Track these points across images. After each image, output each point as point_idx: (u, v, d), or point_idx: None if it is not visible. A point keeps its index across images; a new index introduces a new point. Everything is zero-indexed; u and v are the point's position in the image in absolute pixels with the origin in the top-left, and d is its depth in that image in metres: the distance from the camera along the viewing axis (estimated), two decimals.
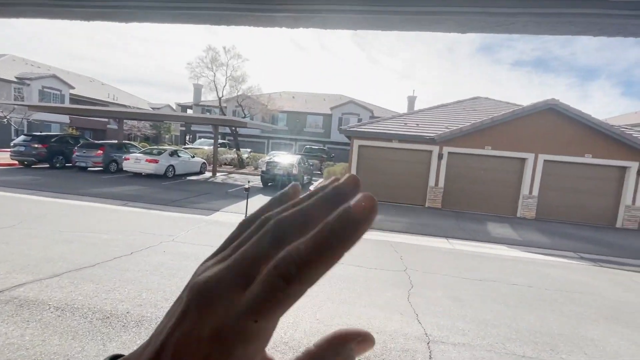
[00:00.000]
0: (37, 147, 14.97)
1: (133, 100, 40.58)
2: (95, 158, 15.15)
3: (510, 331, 3.73)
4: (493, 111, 14.06)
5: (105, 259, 4.81)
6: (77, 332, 3.01)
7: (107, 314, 3.35)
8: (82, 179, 12.81)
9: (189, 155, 17.29)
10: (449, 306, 4.26)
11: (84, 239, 5.65)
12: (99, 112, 19.36)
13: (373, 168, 13.39)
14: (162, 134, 37.33)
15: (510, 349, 3.37)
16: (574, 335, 3.78)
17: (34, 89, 27.23)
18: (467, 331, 3.65)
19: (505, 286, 5.23)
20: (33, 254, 4.80)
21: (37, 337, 2.89)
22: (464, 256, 6.86)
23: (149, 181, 13.64)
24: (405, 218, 10.51)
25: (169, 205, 9.45)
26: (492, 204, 12.73)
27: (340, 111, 33.40)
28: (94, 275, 4.23)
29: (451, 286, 5.00)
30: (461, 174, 12.87)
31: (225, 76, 22.20)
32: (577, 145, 11.91)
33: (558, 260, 7.21)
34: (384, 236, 7.95)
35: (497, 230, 9.89)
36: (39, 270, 4.25)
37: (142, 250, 5.37)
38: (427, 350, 3.20)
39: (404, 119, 14.78)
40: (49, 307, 3.38)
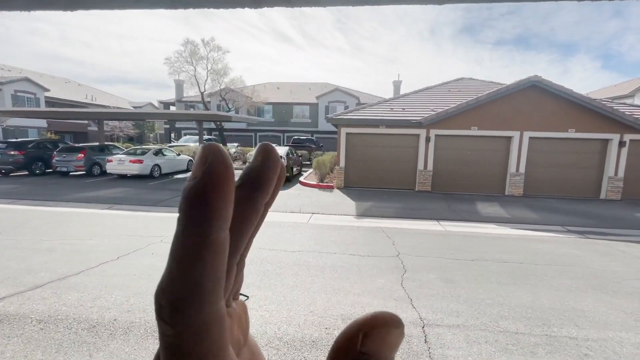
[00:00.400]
0: (14, 154, 14.41)
1: (113, 100, 39.36)
2: (77, 162, 14.67)
3: (503, 309, 3.77)
4: (478, 91, 14.08)
5: (90, 266, 4.66)
6: (62, 344, 2.90)
7: (94, 323, 3.24)
8: (63, 185, 12.41)
9: (175, 154, 16.92)
10: (442, 288, 4.28)
11: (67, 247, 5.47)
12: (76, 114, 18.69)
13: (362, 155, 13.33)
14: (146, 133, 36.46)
15: (504, 326, 3.40)
16: (565, 308, 3.84)
17: (6, 94, 26.10)
18: (461, 312, 3.66)
19: (497, 264, 5.29)
20: (13, 265, 4.61)
21: (19, 352, 2.77)
22: (455, 237, 6.92)
23: (134, 182, 13.32)
24: (396, 203, 10.54)
25: (156, 205, 9.24)
26: (481, 183, 12.87)
27: (327, 99, 33.12)
28: (79, 284, 4.08)
29: (444, 268, 5.03)
30: (449, 156, 12.94)
31: (206, 70, 21.66)
32: (561, 120, 12.06)
33: (546, 235, 7.34)
34: (376, 222, 7.95)
35: (487, 210, 10.01)
36: (20, 282, 4.08)
37: (129, 253, 5.23)
38: (422, 335, 3.20)
39: (389, 103, 14.69)
40: (30, 321, 3.24)
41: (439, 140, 12.87)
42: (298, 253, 5.49)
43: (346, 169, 13.36)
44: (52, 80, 34.03)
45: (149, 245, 5.69)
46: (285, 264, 4.98)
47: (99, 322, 3.25)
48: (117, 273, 4.45)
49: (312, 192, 11.98)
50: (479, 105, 12.27)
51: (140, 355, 2.78)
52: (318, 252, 5.61)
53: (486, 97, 12.14)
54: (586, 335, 3.26)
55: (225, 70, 21.98)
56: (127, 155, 14.58)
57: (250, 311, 3.55)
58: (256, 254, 5.27)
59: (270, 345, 2.97)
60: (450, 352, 2.93)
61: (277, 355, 2.83)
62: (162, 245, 5.71)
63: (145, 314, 3.44)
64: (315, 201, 10.32)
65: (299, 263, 5.04)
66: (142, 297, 3.78)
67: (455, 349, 2.99)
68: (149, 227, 6.87)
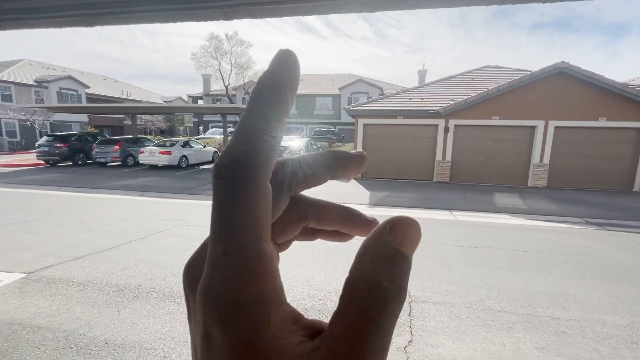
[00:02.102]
0: (59, 147, 15.87)
1: (146, 95, 41.53)
2: (113, 153, 15.92)
3: (492, 291, 3.93)
4: (503, 80, 13.61)
5: (121, 243, 5.30)
6: (96, 302, 3.46)
7: (122, 287, 3.80)
8: (101, 174, 13.58)
9: (201, 145, 17.82)
10: (437, 271, 4.49)
11: (103, 227, 6.19)
12: (112, 109, 20.11)
13: (379, 146, 13.42)
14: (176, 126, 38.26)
15: (489, 305, 3.58)
16: (556, 292, 3.94)
17: (52, 91, 28.40)
18: (450, 292, 3.88)
19: (499, 252, 5.37)
20: (59, 241, 5.35)
21: (62, 306, 3.36)
22: (463, 226, 6.99)
23: (163, 172, 14.28)
24: (411, 193, 10.62)
25: (182, 193, 9.97)
26: (502, 174, 12.58)
27: (349, 91, 33.03)
28: (111, 257, 4.71)
29: (444, 254, 5.20)
30: (469, 147, 12.73)
31: (230, 64, 22.38)
32: (590, 108, 11.46)
33: (561, 226, 7.21)
34: (387, 211, 8.15)
35: (504, 201, 9.86)
36: (64, 254, 4.77)
37: (154, 234, 5.84)
38: (408, 309, 3.46)
39: (408, 94, 14.58)
40: (72, 284, 3.86)
41: (458, 131, 12.68)
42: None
43: None
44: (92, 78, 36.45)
45: (173, 227, 6.29)
46: (292, 247, 5.35)
47: (126, 287, 3.80)
48: (143, 249, 5.05)
49: (328, 183, 12.21)
50: (500, 94, 11.93)
51: (158, 313, 3.28)
52: None
53: (508, 85, 11.77)
54: (570, 316, 3.38)
55: (248, 64, 22.62)
56: (157, 147, 15.61)
57: None
58: None
59: None
60: (430, 324, 3.18)
61: None
62: (184, 227, 6.30)
63: (165, 282, 3.95)
64: (330, 191, 10.63)
65: (304, 245, 5.40)
66: (163, 269, 4.32)
67: (435, 321, 3.24)
68: (174, 212, 7.52)
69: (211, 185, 0.17)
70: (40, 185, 10.62)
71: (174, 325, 3.09)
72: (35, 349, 2.72)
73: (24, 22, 1.75)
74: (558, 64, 11.24)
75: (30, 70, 29.62)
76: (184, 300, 0.20)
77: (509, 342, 2.93)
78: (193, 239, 5.64)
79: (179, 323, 3.12)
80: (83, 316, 3.20)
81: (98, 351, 2.71)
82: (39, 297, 3.54)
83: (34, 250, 4.93)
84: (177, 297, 3.62)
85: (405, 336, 2.98)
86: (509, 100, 11.99)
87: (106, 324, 3.08)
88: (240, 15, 1.68)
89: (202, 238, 0.83)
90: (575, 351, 2.83)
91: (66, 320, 3.13)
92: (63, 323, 3.08)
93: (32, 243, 5.23)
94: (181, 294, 3.69)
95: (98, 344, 2.80)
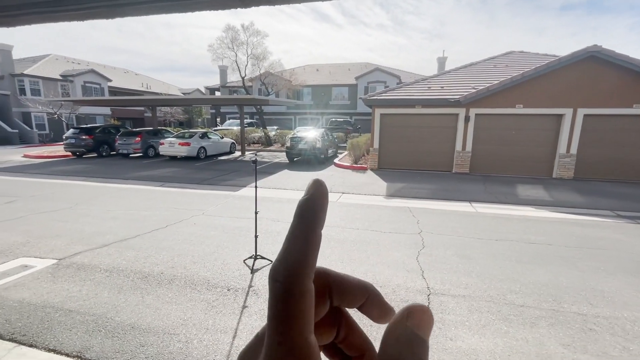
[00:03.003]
0: (85, 139, 16.48)
1: (165, 88, 42.32)
2: (135, 145, 16.39)
3: (514, 284, 3.82)
4: (528, 66, 12.99)
5: (144, 232, 5.48)
6: (122, 287, 3.61)
7: (146, 274, 3.94)
8: (124, 165, 14.04)
9: (219, 137, 18.05)
10: (457, 263, 4.40)
11: (127, 216, 6.42)
12: (133, 101, 20.62)
13: (396, 136, 13.18)
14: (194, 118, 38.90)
15: (511, 299, 3.49)
16: (583, 287, 3.78)
17: (77, 85, 29.38)
18: (470, 285, 3.80)
19: (522, 245, 5.20)
20: (86, 229, 5.59)
21: (91, 291, 3.52)
22: (484, 218, 6.81)
23: (183, 163, 14.61)
24: (430, 184, 10.42)
25: (201, 183, 10.17)
26: (525, 165, 12.12)
27: (366, 80, 32.46)
28: (135, 245, 4.88)
29: (464, 246, 5.09)
30: (490, 136, 12.30)
31: (246, 55, 22.37)
32: (624, 95, 10.79)
33: (589, 219, 6.90)
34: (404, 202, 8.04)
35: (527, 192, 9.52)
36: (92, 241, 4.99)
37: (175, 223, 6.01)
38: (426, 301, 3.42)
39: (427, 82, 14.17)
40: (99, 270, 4.03)
41: (480, 120, 12.26)
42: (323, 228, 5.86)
43: (380, 150, 13.34)
44: (114, 71, 37.43)
45: (193, 217, 6.44)
46: None
47: (149, 274, 3.94)
48: (165, 238, 5.20)
49: (345, 173, 12.23)
50: (525, 81, 11.40)
51: (180, 299, 3.39)
52: (342, 227, 5.94)
53: (534, 71, 11.22)
54: (597, 313, 3.25)
55: (264, 55, 22.53)
56: (177, 138, 15.93)
57: None
58: (284, 227, 5.76)
59: None
60: (449, 317, 3.14)
61: None
62: (203, 217, 6.44)
63: (186, 270, 4.07)
64: (347, 182, 10.58)
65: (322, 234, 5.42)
66: (184, 258, 4.45)
67: (455, 314, 3.18)
68: (193, 202, 7.70)
69: (228, 177, 0.20)
70: (68, 176, 11.10)
71: (195, 312, 3.18)
72: (67, 331, 2.87)
73: (49, 15, 1.78)
74: (589, 47, 10.60)
75: (57, 65, 30.70)
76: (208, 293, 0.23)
77: (532, 337, 2.85)
78: (212, 228, 5.77)
79: (200, 310, 3.21)
80: (110, 301, 3.34)
81: (124, 335, 2.83)
82: (70, 282, 3.72)
83: (64, 237, 5.17)
84: (198, 284, 3.72)
85: None
86: (534, 88, 11.45)
87: (132, 309, 3.21)
88: (257, 2, 1.64)
89: (221, 227, 0.83)
90: (603, 349, 2.72)
91: (95, 304, 3.28)
92: (92, 307, 3.23)
93: (62, 231, 5.49)
94: (202, 281, 3.79)
95: (124, 327, 2.93)
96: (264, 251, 4.63)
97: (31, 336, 2.80)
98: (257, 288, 3.66)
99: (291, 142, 14.87)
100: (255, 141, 22.98)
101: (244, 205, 7.42)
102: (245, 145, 19.17)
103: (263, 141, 22.65)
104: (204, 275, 3.95)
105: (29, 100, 25.92)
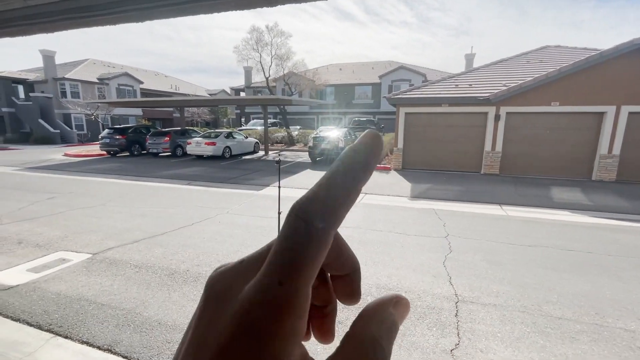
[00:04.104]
0: (118, 139, 17.31)
1: (192, 89, 43.72)
2: (164, 144, 17.03)
3: (551, 295, 3.58)
4: (565, 61, 12.24)
5: (171, 229, 5.65)
6: (150, 284, 3.72)
7: (172, 271, 4.05)
8: (154, 164, 14.61)
9: (243, 136, 18.38)
10: (487, 269, 4.19)
11: (155, 213, 6.65)
12: (163, 102, 21.44)
13: (421, 136, 12.84)
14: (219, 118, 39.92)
15: (547, 311, 3.27)
16: (629, 301, 3.48)
17: (112, 87, 30.97)
18: (501, 293, 3.60)
19: (558, 252, 4.88)
20: (118, 225, 5.84)
21: (122, 286, 3.66)
22: (515, 222, 6.47)
23: (209, 162, 15.00)
24: (456, 186, 10.06)
25: (225, 182, 10.39)
26: (561, 166, 11.43)
27: (390, 78, 31.94)
28: (163, 242, 5.03)
29: (493, 251, 4.85)
30: (522, 136, 11.70)
31: (271, 55, 22.63)
32: None
33: (635, 226, 6.38)
34: (430, 204, 7.80)
35: (562, 195, 8.96)
36: (123, 237, 5.20)
37: (201, 221, 6.15)
38: (454, 309, 3.27)
39: (454, 80, 13.69)
40: (130, 265, 4.19)
41: (511, 119, 11.69)
42: (345, 229, 5.79)
43: (404, 150, 13.05)
44: (145, 74, 39.11)
45: (217, 215, 6.57)
46: None
47: (176, 271, 4.04)
48: (191, 235, 5.33)
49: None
50: (562, 77, 10.74)
51: None
52: (365, 228, 5.84)
53: (571, 67, 10.54)
54: None
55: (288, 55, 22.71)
56: (203, 138, 16.38)
57: None
58: None
59: None
60: (480, 327, 2.98)
61: None
62: (227, 215, 6.55)
63: (210, 268, 4.14)
64: (370, 182, 10.37)
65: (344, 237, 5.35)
66: (209, 256, 4.53)
67: (486, 324, 3.02)
68: (218, 201, 7.86)
69: (252, 176, 0.19)
70: (102, 174, 11.70)
71: None
72: (99, 324, 2.99)
73: (84, 20, 1.84)
74: (636, 39, 9.81)
75: (94, 68, 32.50)
76: None
77: (572, 354, 2.65)
78: (236, 226, 5.85)
79: None
80: (139, 296, 3.45)
81: (152, 330, 2.91)
82: (103, 277, 3.89)
83: (98, 233, 5.43)
84: None
85: (451, 338, 2.82)
86: (572, 84, 10.76)
87: (159, 305, 3.30)
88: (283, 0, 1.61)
89: (245, 226, 0.74)
90: None
91: (125, 299, 3.40)
92: (122, 302, 3.35)
93: (96, 226, 5.77)
94: None
95: (152, 323, 3.01)
96: None
97: (67, 328, 2.94)
98: None
99: (314, 142, 14.88)
100: (278, 141, 23.22)
101: (267, 204, 7.48)
102: (268, 145, 19.41)
103: (286, 141, 22.85)
104: None
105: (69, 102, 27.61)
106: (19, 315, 3.11)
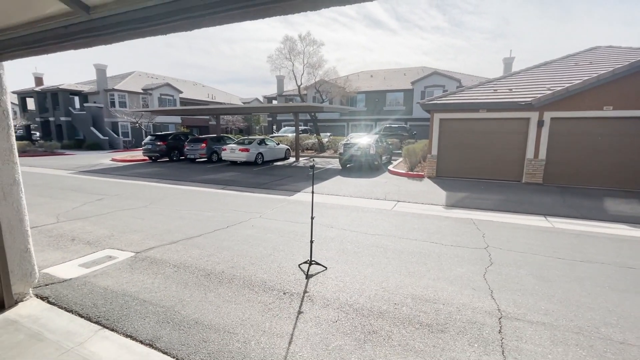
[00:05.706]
0: (159, 145, 18.37)
1: (227, 98, 45.58)
2: (201, 150, 17.81)
3: (610, 316, 3.24)
4: (619, 62, 11.31)
5: (207, 231, 5.84)
6: (187, 283, 3.85)
7: (208, 272, 4.16)
8: (191, 169, 15.30)
9: (275, 143, 18.78)
10: (534, 285, 3.89)
11: (193, 216, 6.92)
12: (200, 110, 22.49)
13: (457, 142, 12.38)
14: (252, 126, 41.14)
15: (606, 333, 2.95)
16: None
17: (154, 97, 33.08)
18: (551, 311, 3.31)
19: (616, 269, 4.43)
20: (159, 226, 6.14)
21: (162, 284, 3.81)
22: (563, 235, 5.98)
23: (242, 168, 15.45)
24: (495, 195, 9.54)
25: (258, 187, 10.62)
26: (615, 176, 10.47)
27: (423, 84, 31.31)
28: (199, 243, 5.21)
29: (540, 265, 4.50)
30: (569, 143, 10.90)
31: (303, 64, 23.04)
32: None
33: None
34: (467, 214, 7.45)
35: (619, 207, 8.18)
36: (163, 238, 5.45)
37: (235, 224, 6.30)
38: (497, 325, 3.06)
39: (493, 84, 13.11)
40: (169, 265, 4.37)
41: (556, 124, 10.94)
42: (378, 236, 5.67)
43: (439, 157, 12.63)
44: (184, 84, 41.42)
45: (251, 219, 6.71)
46: (364, 245, 5.25)
47: (211, 272, 4.15)
48: (226, 238, 5.47)
49: (400, 181, 11.80)
50: (616, 79, 9.92)
51: (239, 299, 3.49)
52: (398, 237, 5.68)
53: (628, 67, 9.70)
54: None
55: (319, 63, 22.99)
56: (237, 144, 16.94)
57: (327, 280, 3.97)
58: (337, 233, 5.68)
59: (342, 310, 3.31)
60: (527, 347, 2.75)
61: (345, 318, 3.16)
62: (260, 220, 6.66)
63: (244, 270, 4.21)
64: (403, 190, 10.18)
65: (377, 245, 5.24)
66: (242, 258, 4.61)
67: (534, 344, 2.78)
68: (251, 205, 8.04)
69: (284, 182, 0.17)
70: (144, 178, 12.43)
71: (253, 313, 3.24)
72: (141, 320, 3.12)
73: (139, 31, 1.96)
74: None
75: (139, 80, 34.95)
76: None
77: None
78: (268, 230, 5.93)
79: (257, 312, 3.27)
80: (177, 295, 3.58)
81: (189, 329, 2.99)
82: (144, 274, 4.09)
83: (140, 233, 5.74)
84: (255, 286, 3.81)
85: (495, 356, 2.63)
86: (628, 86, 9.88)
87: (196, 304, 3.40)
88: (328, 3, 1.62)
89: (277, 230, 0.72)
90: None
91: (164, 297, 3.54)
92: (162, 299, 3.49)
93: (139, 226, 6.11)
94: (259, 282, 3.87)
95: (189, 322, 3.09)
96: (318, 257, 4.60)
97: (113, 321, 3.10)
98: (312, 294, 3.62)
99: (344, 148, 14.86)
100: (309, 147, 23.45)
101: (298, 210, 7.53)
102: (299, 152, 19.64)
103: (316, 147, 23.02)
104: (261, 277, 4.04)
105: (117, 111, 29.85)
106: (72, 307, 3.34)
